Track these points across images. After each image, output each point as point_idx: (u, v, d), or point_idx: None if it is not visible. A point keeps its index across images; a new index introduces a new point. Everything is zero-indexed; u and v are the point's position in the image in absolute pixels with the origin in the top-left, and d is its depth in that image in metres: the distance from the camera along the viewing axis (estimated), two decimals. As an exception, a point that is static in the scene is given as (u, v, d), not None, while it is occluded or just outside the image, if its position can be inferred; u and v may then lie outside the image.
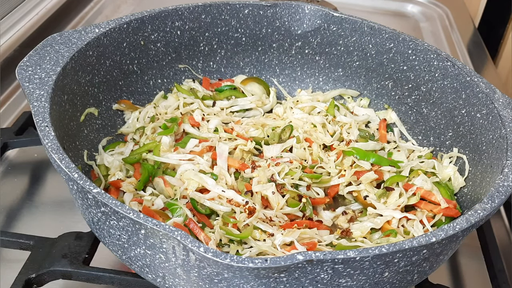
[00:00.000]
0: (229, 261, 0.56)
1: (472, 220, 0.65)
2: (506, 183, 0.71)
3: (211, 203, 0.83)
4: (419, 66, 0.99)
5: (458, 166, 0.91)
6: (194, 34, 1.05)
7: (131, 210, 0.61)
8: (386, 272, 0.63)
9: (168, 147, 0.92)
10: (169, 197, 0.85)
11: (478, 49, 1.54)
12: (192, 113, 1.01)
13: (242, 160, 0.94)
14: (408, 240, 0.61)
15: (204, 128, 0.98)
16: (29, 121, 1.00)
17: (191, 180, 0.85)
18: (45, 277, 0.74)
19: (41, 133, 0.70)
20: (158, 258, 0.64)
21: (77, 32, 0.90)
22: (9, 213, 0.90)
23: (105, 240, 0.72)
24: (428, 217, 0.84)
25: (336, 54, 1.09)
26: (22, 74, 0.80)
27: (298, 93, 1.12)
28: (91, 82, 0.92)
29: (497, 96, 0.86)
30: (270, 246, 0.76)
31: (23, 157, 1.02)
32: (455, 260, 0.91)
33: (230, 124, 1.01)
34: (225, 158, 0.90)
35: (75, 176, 0.65)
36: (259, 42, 1.10)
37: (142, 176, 0.86)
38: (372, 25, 1.03)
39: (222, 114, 1.03)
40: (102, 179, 0.87)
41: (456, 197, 0.89)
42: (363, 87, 1.09)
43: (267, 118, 1.04)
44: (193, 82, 1.07)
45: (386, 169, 0.91)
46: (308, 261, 0.57)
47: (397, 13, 1.71)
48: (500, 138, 0.80)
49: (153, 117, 0.99)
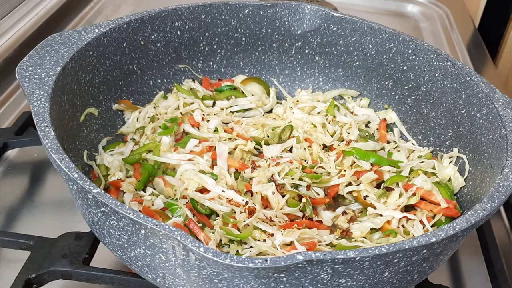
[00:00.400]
0: (229, 261, 0.56)
1: (472, 220, 0.65)
2: (506, 183, 0.71)
3: (211, 203, 0.82)
4: (419, 66, 0.99)
5: (458, 166, 0.91)
6: (194, 34, 1.05)
7: (131, 210, 0.61)
8: (386, 272, 0.63)
9: (168, 147, 0.92)
10: (169, 197, 0.85)
11: (478, 49, 1.54)
12: (192, 113, 1.01)
13: (242, 160, 0.94)
14: (408, 240, 0.61)
15: (204, 128, 0.98)
16: (29, 121, 1.00)
17: (191, 180, 0.85)
18: (45, 277, 0.74)
19: (41, 133, 0.70)
20: (158, 258, 0.64)
21: (77, 32, 0.90)
22: (9, 213, 0.90)
23: (105, 240, 0.72)
24: (428, 217, 0.84)
25: (336, 54, 1.09)
26: (22, 74, 0.80)
27: (298, 93, 1.12)
28: (91, 82, 0.92)
29: (497, 96, 0.86)
30: (270, 246, 0.76)
31: (23, 157, 1.02)
32: (455, 260, 0.91)
33: (230, 124, 1.01)
34: (225, 158, 0.90)
35: (75, 176, 0.65)
36: (259, 42, 1.10)
37: (142, 176, 0.86)
38: (372, 25, 1.03)
39: (222, 114, 1.03)
40: (102, 179, 0.87)
41: (456, 197, 0.89)
42: (363, 87, 1.09)
43: (267, 118, 1.04)
44: (193, 82, 1.07)
45: (386, 169, 0.91)
46: (308, 261, 0.57)
47: (397, 13, 1.71)
48: (500, 138, 0.80)
49: (153, 117, 0.99)
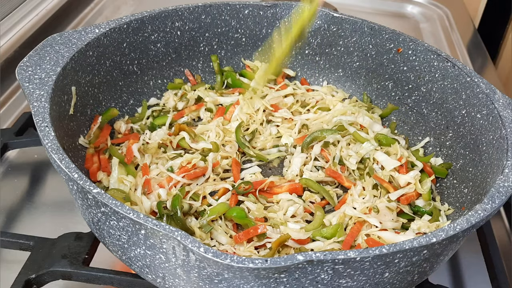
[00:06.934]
0: (229, 261, 0.56)
1: (473, 220, 0.65)
2: (507, 183, 0.71)
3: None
4: (419, 66, 0.99)
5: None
6: (194, 34, 1.05)
7: (131, 210, 0.61)
8: (386, 273, 0.63)
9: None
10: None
11: (478, 50, 1.54)
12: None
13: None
14: (408, 241, 0.61)
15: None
16: (29, 121, 1.00)
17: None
18: (45, 278, 0.74)
19: (41, 133, 0.70)
20: (158, 258, 0.64)
21: (77, 33, 0.90)
22: (9, 214, 0.90)
23: (105, 241, 0.72)
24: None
25: (336, 54, 1.09)
26: (22, 75, 0.80)
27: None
28: (91, 82, 0.92)
29: (497, 96, 0.86)
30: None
31: (23, 157, 1.01)
32: (455, 261, 0.91)
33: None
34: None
35: (75, 176, 0.65)
36: (259, 42, 1.10)
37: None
38: (372, 25, 1.03)
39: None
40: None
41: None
42: (363, 88, 1.09)
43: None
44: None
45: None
46: (308, 262, 0.57)
47: (397, 14, 1.71)
48: (500, 138, 0.80)
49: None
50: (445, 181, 0.93)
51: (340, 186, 0.93)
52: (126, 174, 0.87)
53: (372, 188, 0.89)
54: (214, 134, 0.96)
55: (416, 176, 0.89)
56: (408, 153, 0.94)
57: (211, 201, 0.86)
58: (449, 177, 0.92)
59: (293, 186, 0.89)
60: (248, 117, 1.00)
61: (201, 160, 0.90)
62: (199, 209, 0.84)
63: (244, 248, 0.77)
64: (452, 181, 0.91)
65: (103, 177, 0.87)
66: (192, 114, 1.04)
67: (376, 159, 0.92)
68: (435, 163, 0.95)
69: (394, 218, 0.84)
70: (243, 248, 0.77)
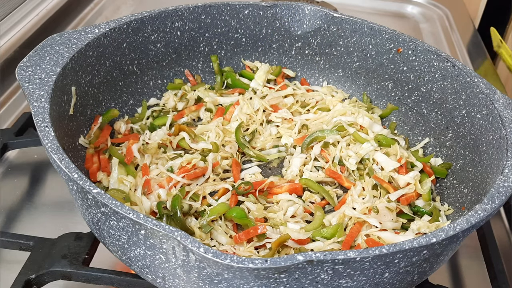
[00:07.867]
0: (229, 261, 0.56)
1: (473, 220, 0.65)
2: (507, 183, 0.71)
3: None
4: (419, 66, 0.99)
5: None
6: (194, 34, 1.05)
7: (131, 211, 0.61)
8: (386, 273, 0.63)
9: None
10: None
11: (478, 50, 1.54)
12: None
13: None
14: (408, 241, 0.61)
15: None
16: (29, 122, 1.00)
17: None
18: (45, 278, 0.74)
19: (41, 134, 0.70)
20: (158, 258, 0.64)
21: (77, 33, 0.90)
22: (9, 214, 0.90)
23: (105, 241, 0.72)
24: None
25: (336, 54, 1.09)
26: (22, 75, 0.80)
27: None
28: (91, 82, 0.92)
29: (497, 96, 0.86)
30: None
31: (23, 158, 1.01)
32: (455, 261, 0.91)
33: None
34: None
35: (75, 176, 0.65)
36: (259, 42, 1.10)
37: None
38: (372, 25, 1.03)
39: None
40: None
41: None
42: (363, 88, 1.09)
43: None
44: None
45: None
46: (308, 262, 0.57)
47: (396, 14, 1.71)
48: (500, 138, 0.80)
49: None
50: (445, 181, 0.93)
51: (340, 187, 0.93)
52: (126, 174, 0.87)
53: (372, 189, 0.89)
54: (214, 135, 0.96)
55: (416, 177, 0.89)
56: (408, 154, 0.94)
57: (211, 201, 0.86)
58: (449, 177, 0.92)
59: (293, 187, 0.89)
60: (248, 117, 1.01)
61: (201, 160, 0.89)
62: (199, 209, 0.84)
63: (244, 248, 0.77)
64: (452, 181, 0.91)
65: (103, 177, 0.87)
66: (192, 114, 1.04)
67: (375, 159, 0.92)
68: (435, 163, 0.95)
69: (394, 218, 0.84)
70: (243, 248, 0.77)
